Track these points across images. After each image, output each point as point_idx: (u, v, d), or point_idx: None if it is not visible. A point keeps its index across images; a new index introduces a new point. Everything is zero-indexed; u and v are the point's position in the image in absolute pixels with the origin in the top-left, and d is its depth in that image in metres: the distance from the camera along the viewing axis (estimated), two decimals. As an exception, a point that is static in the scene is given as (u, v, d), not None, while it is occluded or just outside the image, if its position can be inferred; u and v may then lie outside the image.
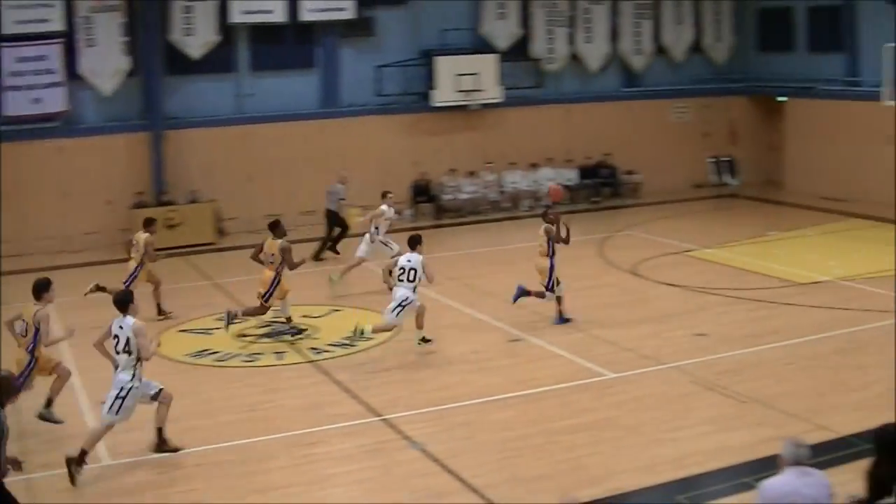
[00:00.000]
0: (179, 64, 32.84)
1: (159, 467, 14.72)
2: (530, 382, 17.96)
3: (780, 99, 38.66)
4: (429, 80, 35.31)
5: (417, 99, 35.68)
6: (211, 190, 32.30)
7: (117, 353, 14.49)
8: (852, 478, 10.79)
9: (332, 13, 34.24)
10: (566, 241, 21.31)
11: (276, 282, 20.76)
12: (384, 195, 25.41)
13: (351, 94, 35.15)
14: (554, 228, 21.14)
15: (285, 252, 20.71)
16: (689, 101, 39.84)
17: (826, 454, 13.47)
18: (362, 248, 24.89)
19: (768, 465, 11.23)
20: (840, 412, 16.01)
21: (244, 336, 21.27)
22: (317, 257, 28.16)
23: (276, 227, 21.21)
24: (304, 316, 22.35)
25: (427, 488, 13.86)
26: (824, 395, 16.95)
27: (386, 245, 24.74)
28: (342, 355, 19.92)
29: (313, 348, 20.38)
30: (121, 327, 14.46)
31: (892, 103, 29.80)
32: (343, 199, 28.84)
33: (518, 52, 37.26)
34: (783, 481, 9.19)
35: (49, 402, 16.09)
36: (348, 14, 34.41)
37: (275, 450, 15.35)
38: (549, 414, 16.48)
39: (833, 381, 17.71)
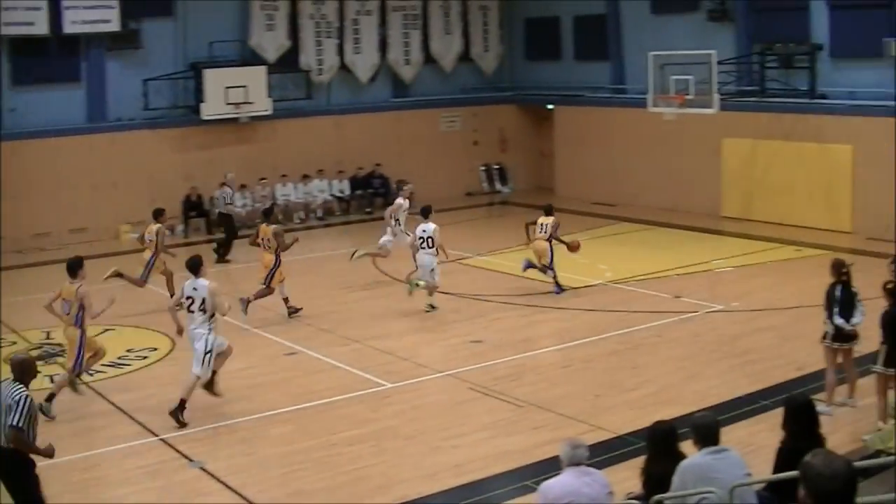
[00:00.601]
0: (-64, 78, 31.57)
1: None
2: (309, 395, 17.90)
3: (548, 107, 39.46)
4: (197, 93, 34.86)
5: (186, 112, 35.22)
6: (-28, 209, 31.09)
7: (191, 311, 16.48)
8: (630, 475, 11.07)
9: (97, 25, 33.43)
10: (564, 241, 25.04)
11: (276, 264, 22.89)
12: (398, 188, 27.37)
13: (118, 108, 34.47)
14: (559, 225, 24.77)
15: (278, 236, 22.95)
16: (458, 110, 40.41)
17: (604, 453, 13.85)
18: (385, 238, 26.23)
19: (548, 467, 11.43)
20: (615, 412, 16.41)
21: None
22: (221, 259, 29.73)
23: (269, 214, 24.50)
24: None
25: (209, 507, 13.66)
26: (600, 396, 17.32)
27: (407, 235, 25.37)
28: (116, 376, 19.45)
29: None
30: (195, 289, 16.49)
31: (657, 110, 30.61)
32: (230, 203, 30.82)
33: (287, 63, 37.18)
34: (563, 482, 9.31)
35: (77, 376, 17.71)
36: (113, 26, 33.68)
37: (51, 475, 14.75)
38: (329, 426, 16.44)
39: (608, 382, 18.13)
